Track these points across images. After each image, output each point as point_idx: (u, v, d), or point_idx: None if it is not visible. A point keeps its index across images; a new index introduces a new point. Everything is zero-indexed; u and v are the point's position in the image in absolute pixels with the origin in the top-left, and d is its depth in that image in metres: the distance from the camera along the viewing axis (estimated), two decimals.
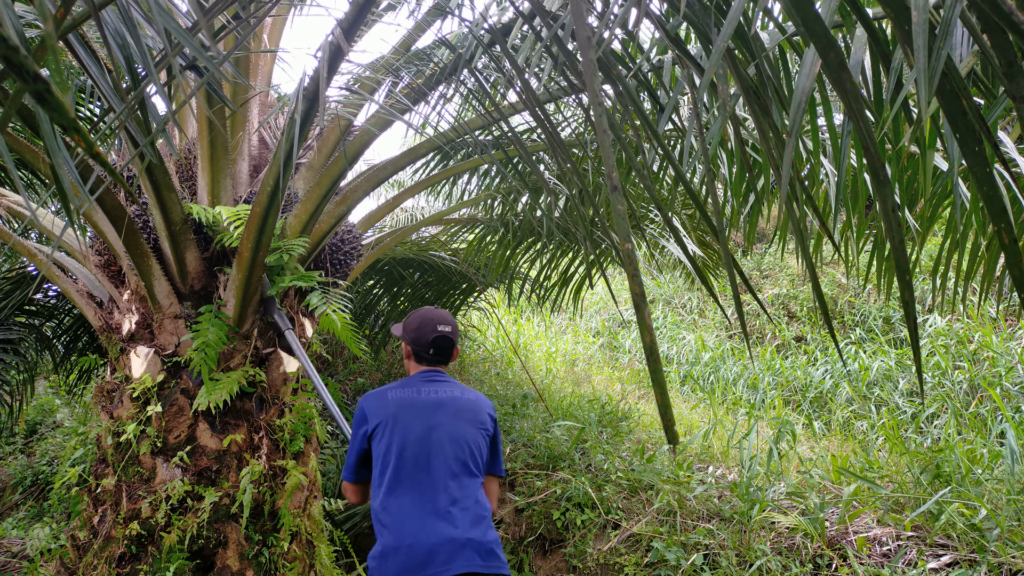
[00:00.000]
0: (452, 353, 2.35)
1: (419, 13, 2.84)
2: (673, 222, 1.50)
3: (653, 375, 0.93)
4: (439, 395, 2.24)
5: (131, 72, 1.53)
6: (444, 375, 2.33)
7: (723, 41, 0.88)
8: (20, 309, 5.01)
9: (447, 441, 2.14)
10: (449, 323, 2.32)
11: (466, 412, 2.22)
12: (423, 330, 2.28)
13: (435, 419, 2.17)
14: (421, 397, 2.22)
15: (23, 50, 0.42)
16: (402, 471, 2.12)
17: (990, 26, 0.80)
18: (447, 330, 2.29)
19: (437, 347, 2.28)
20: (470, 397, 2.29)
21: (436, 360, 2.31)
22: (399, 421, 2.17)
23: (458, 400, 2.24)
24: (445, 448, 2.13)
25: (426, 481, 2.10)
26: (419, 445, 2.13)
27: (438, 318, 2.31)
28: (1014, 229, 0.79)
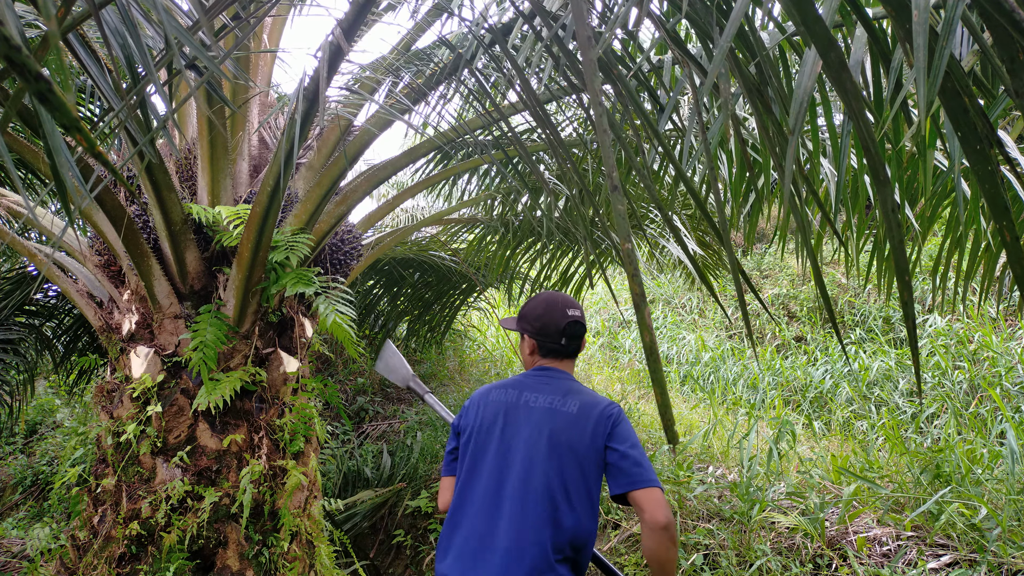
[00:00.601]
0: (578, 345, 1.98)
1: (419, 13, 2.84)
2: (674, 222, 1.49)
3: (653, 375, 0.93)
4: (541, 403, 1.86)
5: (131, 71, 1.53)
6: (564, 375, 1.94)
7: (726, 42, 0.88)
8: (20, 309, 5.00)
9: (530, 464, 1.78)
10: (579, 307, 1.98)
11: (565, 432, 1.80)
12: (551, 315, 1.93)
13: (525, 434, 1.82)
14: (520, 403, 1.89)
15: (25, 50, 0.42)
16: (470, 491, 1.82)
17: (991, 23, 0.80)
18: (577, 314, 1.95)
19: (570, 335, 1.93)
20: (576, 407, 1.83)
21: (565, 351, 1.95)
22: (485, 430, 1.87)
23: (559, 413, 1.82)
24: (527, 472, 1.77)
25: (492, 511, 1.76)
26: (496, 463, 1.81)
27: (566, 301, 1.96)
28: (1015, 227, 0.79)
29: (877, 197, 0.88)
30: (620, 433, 1.78)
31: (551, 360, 1.97)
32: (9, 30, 0.41)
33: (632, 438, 1.78)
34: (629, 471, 1.71)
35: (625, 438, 1.77)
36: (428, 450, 5.28)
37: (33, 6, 1.57)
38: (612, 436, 1.77)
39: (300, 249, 2.94)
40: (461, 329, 8.04)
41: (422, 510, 4.55)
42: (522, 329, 2.01)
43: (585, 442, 1.77)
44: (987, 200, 0.81)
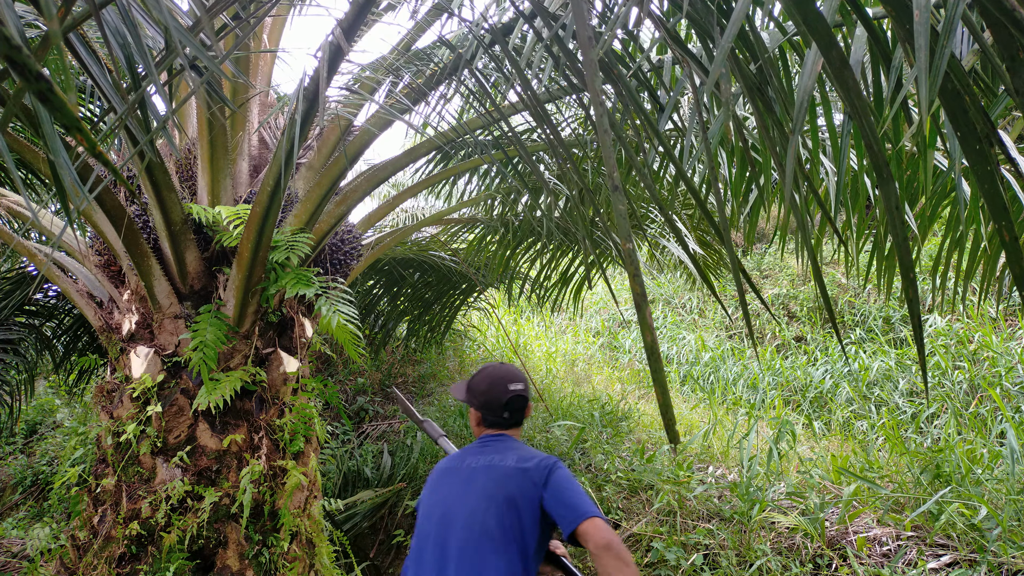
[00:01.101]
0: (521, 416, 2.09)
1: (419, 14, 2.84)
2: (675, 222, 1.49)
3: (654, 374, 0.93)
4: (480, 463, 1.97)
5: (131, 71, 1.53)
6: (507, 439, 2.05)
7: (727, 42, 0.88)
8: (20, 309, 5.00)
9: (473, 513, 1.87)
10: (520, 379, 2.09)
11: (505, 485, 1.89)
12: (494, 391, 2.05)
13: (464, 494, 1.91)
14: (462, 467, 2.00)
15: (26, 49, 0.41)
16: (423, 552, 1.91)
17: (992, 21, 0.80)
18: (520, 389, 2.06)
19: (512, 408, 2.05)
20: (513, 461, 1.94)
21: (508, 423, 2.06)
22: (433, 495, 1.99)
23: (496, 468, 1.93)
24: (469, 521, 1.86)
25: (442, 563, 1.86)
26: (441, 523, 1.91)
27: (508, 375, 2.08)
28: (1014, 227, 0.79)
29: (879, 195, 0.88)
30: (554, 481, 1.87)
31: (495, 429, 2.08)
32: (10, 30, 0.41)
33: (567, 484, 1.87)
34: (565, 515, 1.81)
35: (560, 486, 1.86)
36: (428, 450, 5.28)
37: (33, 6, 1.57)
38: (547, 485, 1.86)
39: (300, 249, 2.94)
40: (461, 329, 8.04)
41: None
42: (468, 402, 2.12)
43: (522, 492, 1.86)
44: (986, 200, 0.81)
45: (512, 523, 1.84)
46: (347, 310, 2.92)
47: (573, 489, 1.86)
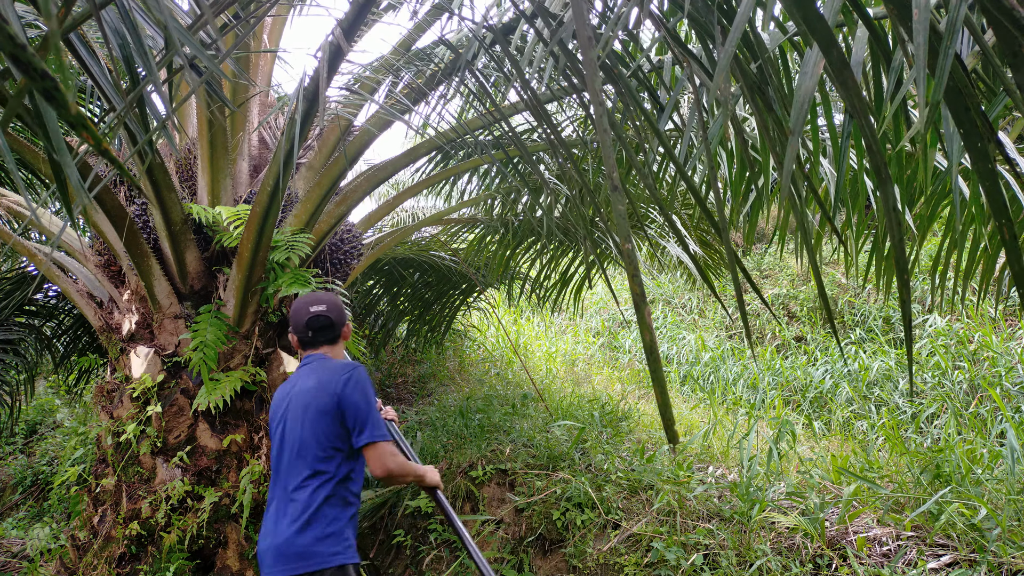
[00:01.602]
0: (332, 333, 2.30)
1: (419, 14, 2.84)
2: (675, 222, 1.50)
3: (653, 374, 0.93)
4: (299, 385, 2.21)
5: (131, 71, 1.53)
6: (320, 357, 2.27)
7: (731, 45, 0.89)
8: (20, 309, 5.00)
9: (294, 436, 2.14)
10: (323, 302, 2.30)
11: (312, 398, 2.15)
12: (298, 314, 2.27)
13: (290, 413, 2.17)
14: (290, 390, 2.23)
15: (30, 48, 0.42)
16: (273, 472, 2.19)
17: (993, 20, 0.80)
18: (320, 309, 2.27)
19: (314, 327, 2.26)
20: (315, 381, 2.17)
21: (314, 342, 2.28)
22: (273, 420, 2.24)
23: (307, 390, 2.17)
24: (292, 444, 2.13)
25: (277, 483, 2.14)
26: (279, 444, 2.18)
27: (312, 300, 2.29)
28: (1014, 225, 0.79)
29: (878, 196, 0.89)
30: (347, 394, 2.11)
31: (310, 349, 2.30)
32: (14, 28, 0.41)
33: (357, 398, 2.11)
34: (353, 429, 2.10)
35: (350, 400, 2.11)
36: (428, 450, 5.28)
37: (33, 6, 1.57)
38: (341, 395, 2.11)
39: (300, 249, 2.94)
40: (461, 329, 8.04)
41: (422, 510, 4.55)
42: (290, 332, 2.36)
43: (326, 403, 2.11)
44: (987, 197, 0.82)
45: (322, 432, 2.10)
46: None
47: (360, 405, 2.10)
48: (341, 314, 2.33)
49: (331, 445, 2.11)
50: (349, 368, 2.17)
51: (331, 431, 2.10)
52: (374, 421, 2.10)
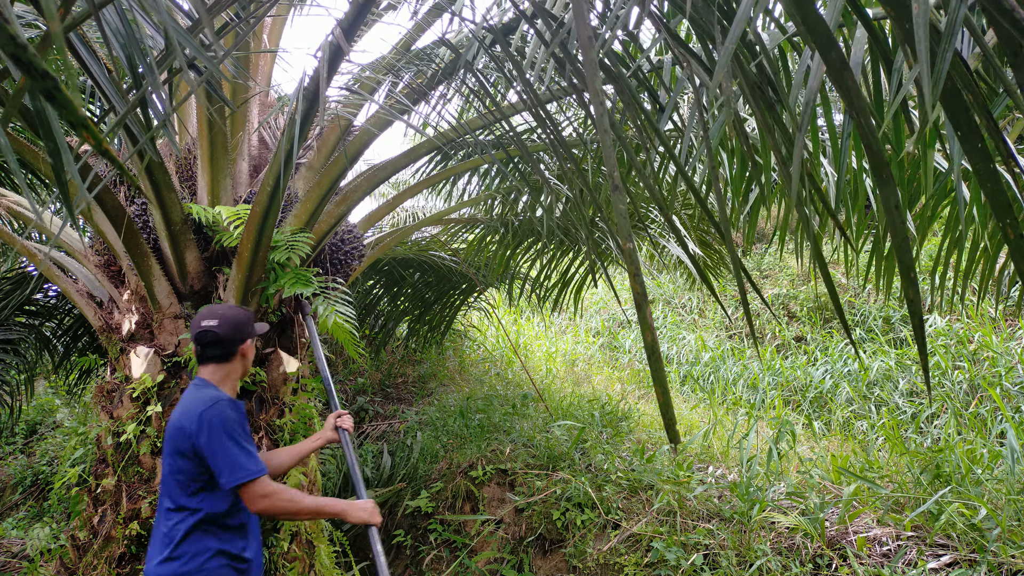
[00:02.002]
0: (219, 350, 2.15)
1: (419, 14, 2.84)
2: (675, 221, 1.50)
3: (654, 374, 0.93)
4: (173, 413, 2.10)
5: (132, 71, 1.53)
6: (199, 382, 2.14)
7: (732, 42, 0.89)
8: (20, 309, 5.00)
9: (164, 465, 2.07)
10: (218, 316, 2.14)
11: (170, 435, 2.05)
12: (193, 327, 2.14)
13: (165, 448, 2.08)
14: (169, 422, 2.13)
15: (31, 48, 0.42)
16: None
17: (993, 20, 0.80)
18: (211, 324, 2.12)
19: (200, 343, 2.13)
20: (178, 415, 2.06)
21: (202, 357, 2.16)
22: None
23: (171, 422, 2.07)
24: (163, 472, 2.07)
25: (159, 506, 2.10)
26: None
27: (208, 312, 2.16)
28: (1018, 224, 0.79)
29: (879, 196, 0.89)
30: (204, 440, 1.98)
31: (200, 367, 2.18)
32: (15, 28, 0.41)
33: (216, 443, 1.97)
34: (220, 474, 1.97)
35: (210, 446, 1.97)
36: (428, 450, 5.28)
37: (33, 6, 1.57)
38: (198, 437, 1.98)
39: (300, 249, 2.94)
40: (461, 329, 8.04)
41: (422, 510, 4.55)
42: None
43: (183, 443, 2.00)
44: (988, 198, 0.82)
45: (179, 470, 2.02)
46: (345, 310, 2.92)
47: (214, 449, 1.97)
48: (236, 330, 2.16)
49: (190, 481, 2.02)
50: (206, 404, 2.02)
51: (189, 469, 2.02)
52: (231, 464, 1.96)
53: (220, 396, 2.07)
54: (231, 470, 1.95)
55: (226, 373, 2.19)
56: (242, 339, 2.19)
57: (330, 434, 2.49)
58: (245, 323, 2.21)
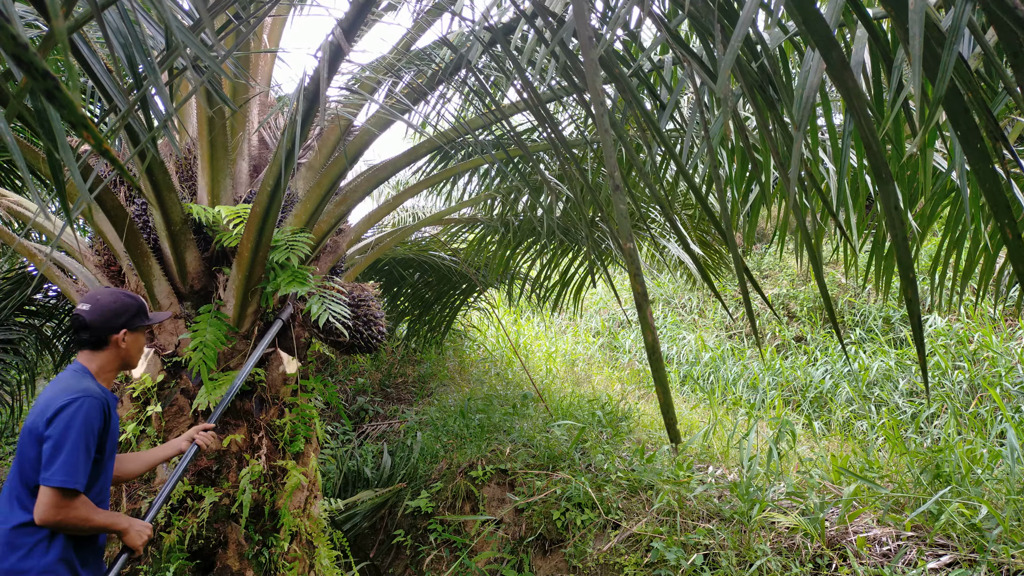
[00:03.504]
0: (87, 336, 2.02)
1: (420, 13, 2.84)
2: (676, 221, 1.50)
3: (655, 374, 0.93)
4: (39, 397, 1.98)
5: (133, 70, 1.53)
6: (72, 369, 2.02)
7: (737, 40, 0.89)
8: (20, 309, 5.00)
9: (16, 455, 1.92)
10: (91, 301, 2.02)
11: (30, 417, 1.92)
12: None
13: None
14: None
15: (32, 48, 0.42)
16: None
17: (995, 19, 0.80)
18: (82, 308, 2.00)
19: (71, 326, 2.02)
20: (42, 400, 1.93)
21: (79, 343, 2.03)
22: None
23: (37, 401, 1.95)
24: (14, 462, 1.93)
25: None
26: None
27: (88, 296, 2.04)
28: (1016, 224, 0.79)
29: (879, 195, 0.89)
30: (50, 431, 1.84)
31: (78, 352, 2.06)
32: (16, 28, 0.41)
33: (57, 439, 1.83)
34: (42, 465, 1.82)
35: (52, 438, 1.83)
36: (428, 450, 5.28)
37: (33, 6, 1.57)
38: (47, 428, 1.85)
39: (300, 249, 2.94)
40: (461, 329, 8.04)
41: (422, 510, 4.55)
42: None
43: (36, 431, 1.87)
44: (988, 198, 0.82)
45: (27, 464, 1.88)
46: (339, 309, 2.92)
47: (58, 446, 1.83)
48: (108, 316, 2.02)
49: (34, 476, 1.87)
50: (71, 395, 1.88)
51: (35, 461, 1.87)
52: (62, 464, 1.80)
53: (90, 389, 1.94)
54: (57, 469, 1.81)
55: (101, 362, 2.06)
56: (113, 328, 2.05)
57: (183, 444, 2.36)
58: (122, 312, 2.06)
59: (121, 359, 2.11)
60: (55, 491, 1.81)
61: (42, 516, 1.80)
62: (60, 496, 1.81)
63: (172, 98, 1.74)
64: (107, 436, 1.98)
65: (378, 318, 3.33)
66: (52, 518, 1.81)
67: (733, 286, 8.74)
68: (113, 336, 2.05)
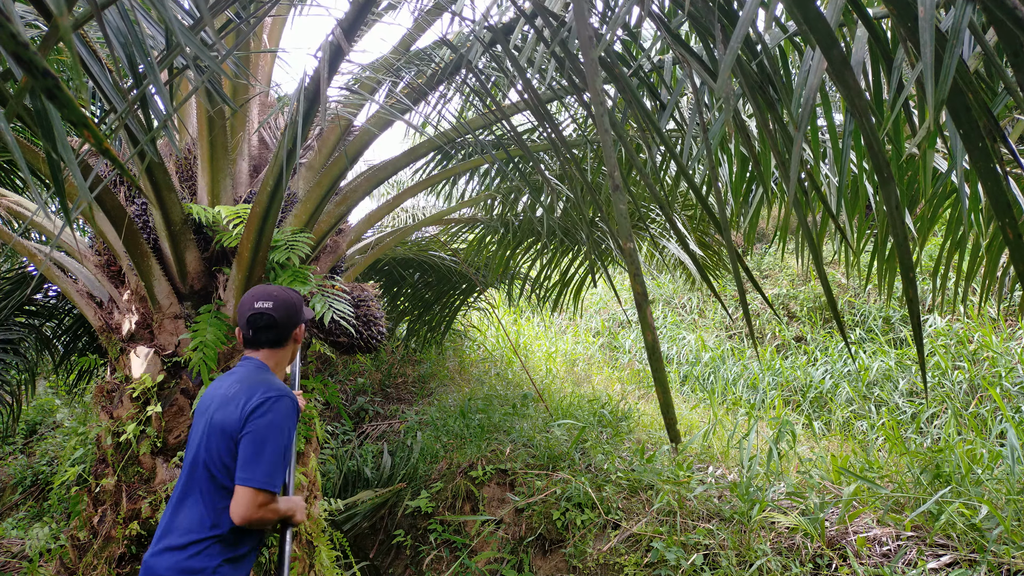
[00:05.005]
0: (274, 334, 2.00)
1: (420, 13, 2.84)
2: (676, 221, 1.50)
3: (655, 374, 0.93)
4: (217, 391, 1.94)
5: (133, 70, 1.53)
6: (252, 361, 2.00)
7: (737, 41, 0.89)
8: (20, 309, 5.01)
9: (196, 451, 1.87)
10: (272, 298, 2.00)
11: (219, 411, 1.86)
12: (242, 308, 2.00)
13: (200, 422, 1.91)
14: (209, 393, 1.98)
15: (33, 46, 0.42)
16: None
17: (995, 19, 0.80)
18: (265, 306, 1.98)
19: (253, 326, 1.98)
20: (231, 392, 1.89)
21: (255, 342, 2.00)
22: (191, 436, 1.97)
23: (219, 398, 1.90)
24: (192, 460, 1.88)
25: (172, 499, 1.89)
26: (186, 455, 1.93)
27: (259, 293, 2.01)
28: (1017, 224, 0.79)
29: (880, 196, 0.89)
30: (251, 426, 1.80)
31: (249, 350, 2.03)
32: (16, 27, 0.41)
33: (261, 434, 1.79)
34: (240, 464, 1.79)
35: (253, 433, 1.79)
36: (428, 450, 5.28)
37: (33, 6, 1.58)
38: (246, 425, 1.80)
39: (300, 249, 2.94)
40: (461, 329, 8.04)
41: (422, 510, 4.55)
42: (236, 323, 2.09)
43: (233, 423, 1.82)
44: (989, 198, 0.82)
45: (219, 456, 1.83)
46: (342, 307, 2.92)
47: (261, 443, 1.79)
48: (292, 314, 2.03)
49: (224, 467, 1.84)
50: (273, 394, 1.86)
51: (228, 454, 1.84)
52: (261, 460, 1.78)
53: (285, 388, 1.91)
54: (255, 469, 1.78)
55: (279, 360, 2.05)
56: (296, 323, 2.05)
57: None
58: (299, 305, 2.08)
59: (292, 354, 2.11)
60: (252, 491, 1.77)
61: (239, 515, 1.77)
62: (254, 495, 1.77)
63: (172, 98, 1.74)
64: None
65: (378, 318, 3.33)
66: (244, 516, 1.77)
67: (733, 286, 8.74)
68: (296, 331, 2.06)
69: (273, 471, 1.80)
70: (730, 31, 1.42)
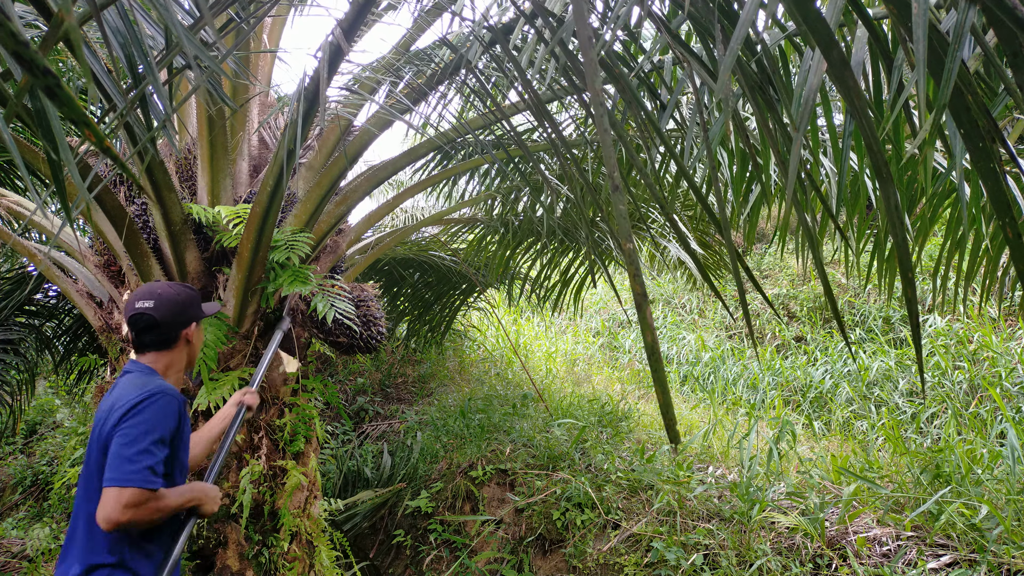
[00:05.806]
0: (157, 335, 1.85)
1: (419, 13, 2.84)
2: (676, 221, 1.50)
3: (655, 374, 0.93)
4: (104, 404, 1.81)
5: (132, 71, 1.53)
6: (137, 365, 1.86)
7: (737, 42, 0.89)
8: (20, 309, 5.01)
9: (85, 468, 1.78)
10: (154, 296, 1.85)
11: (103, 425, 1.75)
12: (124, 310, 1.86)
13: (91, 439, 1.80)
14: (99, 407, 1.84)
15: (33, 45, 0.42)
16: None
17: (994, 19, 0.81)
18: (146, 306, 1.83)
19: (134, 328, 1.85)
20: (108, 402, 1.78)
21: (138, 344, 1.87)
22: None
23: (104, 411, 1.78)
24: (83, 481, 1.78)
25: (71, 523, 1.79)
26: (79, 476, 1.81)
27: (141, 293, 1.87)
28: (1017, 223, 0.79)
29: (879, 195, 0.89)
30: (122, 428, 1.68)
31: (136, 354, 1.90)
32: (16, 26, 0.41)
33: (128, 436, 1.66)
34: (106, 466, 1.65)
35: (122, 435, 1.67)
36: (428, 450, 5.28)
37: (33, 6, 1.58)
38: (117, 427, 1.69)
39: (300, 249, 2.94)
40: (461, 329, 8.04)
41: (422, 510, 4.55)
42: None
43: (107, 432, 1.71)
44: (989, 197, 0.82)
45: (99, 472, 1.71)
46: (343, 306, 2.92)
47: (130, 443, 1.65)
48: (178, 312, 1.88)
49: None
50: (145, 394, 1.72)
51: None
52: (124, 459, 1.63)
53: (165, 387, 1.78)
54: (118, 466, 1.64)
55: (169, 363, 1.90)
56: (185, 322, 1.91)
57: (231, 409, 2.23)
58: (188, 303, 1.92)
59: (190, 356, 1.98)
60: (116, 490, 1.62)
61: (105, 517, 1.62)
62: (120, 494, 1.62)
63: (172, 98, 1.74)
64: (179, 440, 1.82)
65: (378, 318, 3.33)
66: (111, 518, 1.62)
67: (733, 286, 8.74)
68: (184, 331, 1.92)
69: (140, 467, 1.63)
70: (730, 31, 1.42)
